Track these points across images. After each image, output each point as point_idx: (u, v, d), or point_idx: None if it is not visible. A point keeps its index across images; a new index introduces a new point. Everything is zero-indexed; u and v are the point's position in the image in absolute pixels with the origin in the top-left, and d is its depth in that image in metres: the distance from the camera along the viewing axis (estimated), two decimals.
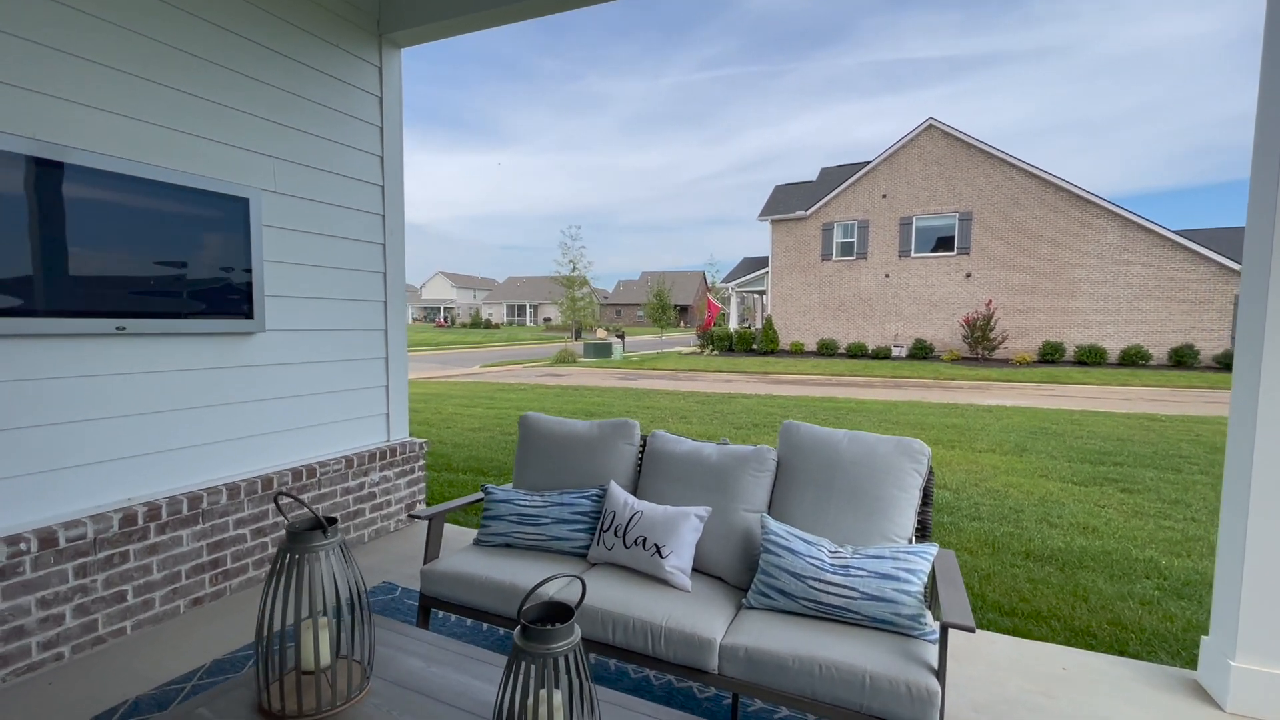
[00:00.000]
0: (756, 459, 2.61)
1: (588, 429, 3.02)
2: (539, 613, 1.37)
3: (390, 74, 4.20)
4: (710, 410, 11.27)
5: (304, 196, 3.59)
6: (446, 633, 2.88)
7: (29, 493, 2.50)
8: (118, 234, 2.69)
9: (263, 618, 1.49)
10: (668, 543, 2.44)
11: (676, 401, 12.44)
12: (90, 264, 2.61)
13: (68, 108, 2.56)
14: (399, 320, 4.33)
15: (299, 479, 3.52)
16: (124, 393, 2.79)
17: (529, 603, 1.62)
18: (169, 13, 2.92)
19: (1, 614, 2.37)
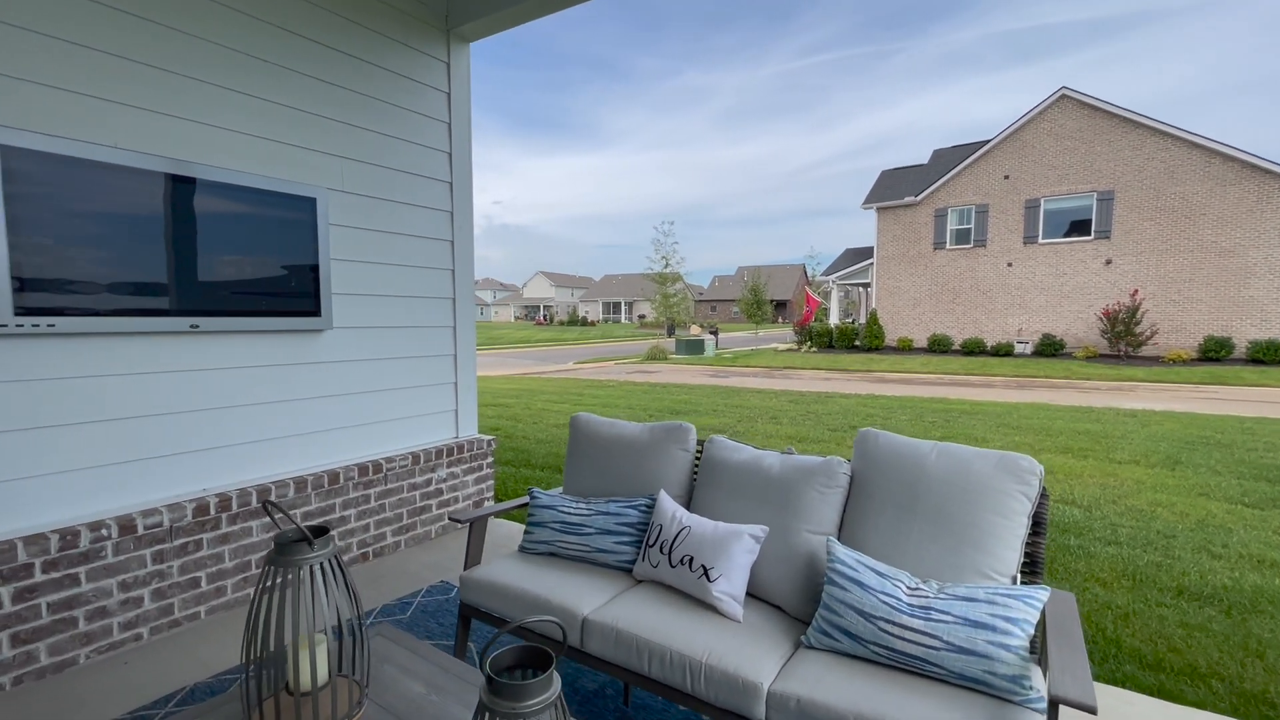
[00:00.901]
0: (825, 473, 2.26)
1: (638, 432, 2.79)
2: (513, 658, 1.16)
3: (458, 70, 4.18)
4: (803, 410, 10.68)
5: (371, 195, 3.64)
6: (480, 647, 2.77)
7: (111, 481, 2.65)
8: (193, 236, 2.80)
9: (249, 634, 1.39)
10: (716, 564, 2.16)
11: (767, 400, 11.92)
12: (172, 266, 2.73)
13: (155, 118, 2.69)
14: (467, 317, 4.32)
15: (365, 474, 3.57)
16: (198, 388, 2.91)
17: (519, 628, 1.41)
18: (244, 21, 3.01)
19: (86, 595, 2.52)
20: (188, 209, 2.78)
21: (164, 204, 2.70)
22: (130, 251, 2.61)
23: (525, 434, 8.48)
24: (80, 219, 2.46)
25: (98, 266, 2.52)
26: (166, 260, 2.72)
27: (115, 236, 2.56)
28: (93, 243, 2.50)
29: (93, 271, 2.51)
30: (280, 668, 1.43)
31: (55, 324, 2.42)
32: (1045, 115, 20.20)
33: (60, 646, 2.46)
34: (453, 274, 4.20)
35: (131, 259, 2.61)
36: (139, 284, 2.64)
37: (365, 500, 3.60)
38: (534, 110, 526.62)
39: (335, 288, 3.46)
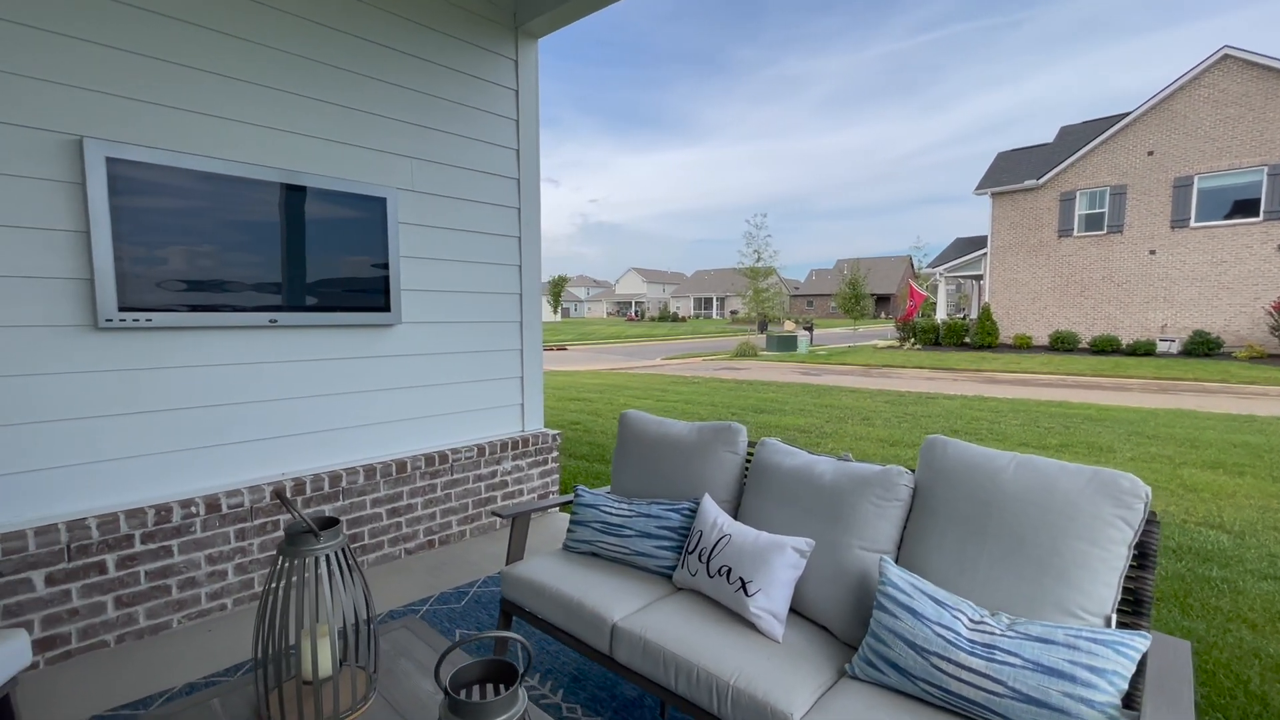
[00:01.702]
0: (882, 483, 2.03)
1: (686, 432, 2.66)
2: (477, 673, 1.08)
3: (526, 67, 4.22)
4: (900, 412, 10.01)
5: (439, 193, 3.74)
6: (529, 643, 2.75)
7: (200, 463, 2.90)
8: (271, 237, 2.99)
9: (260, 623, 1.42)
10: (755, 577, 2.00)
11: (861, 400, 11.28)
12: (251, 264, 2.93)
13: (223, 125, 2.90)
14: (534, 313, 4.36)
15: (431, 464, 3.70)
16: (276, 379, 3.12)
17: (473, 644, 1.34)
18: (323, 33, 3.17)
19: (178, 566, 2.77)
20: (267, 211, 2.97)
21: (245, 207, 2.90)
22: (215, 252, 2.82)
23: (604, 429, 8.53)
24: (171, 223, 2.69)
25: (187, 266, 2.75)
26: (247, 259, 2.92)
27: (202, 238, 2.78)
28: (182, 244, 2.72)
29: (183, 271, 2.74)
30: (290, 656, 1.46)
31: (152, 319, 2.67)
32: (1202, 80, 17.63)
33: (156, 611, 2.72)
34: (519, 270, 4.25)
35: (216, 258, 2.83)
36: (223, 282, 2.86)
37: (432, 490, 3.73)
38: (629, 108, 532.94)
39: (404, 284, 3.59)
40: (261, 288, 2.98)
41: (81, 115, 2.49)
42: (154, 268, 2.66)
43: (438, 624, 2.87)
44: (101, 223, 2.51)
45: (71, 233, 2.48)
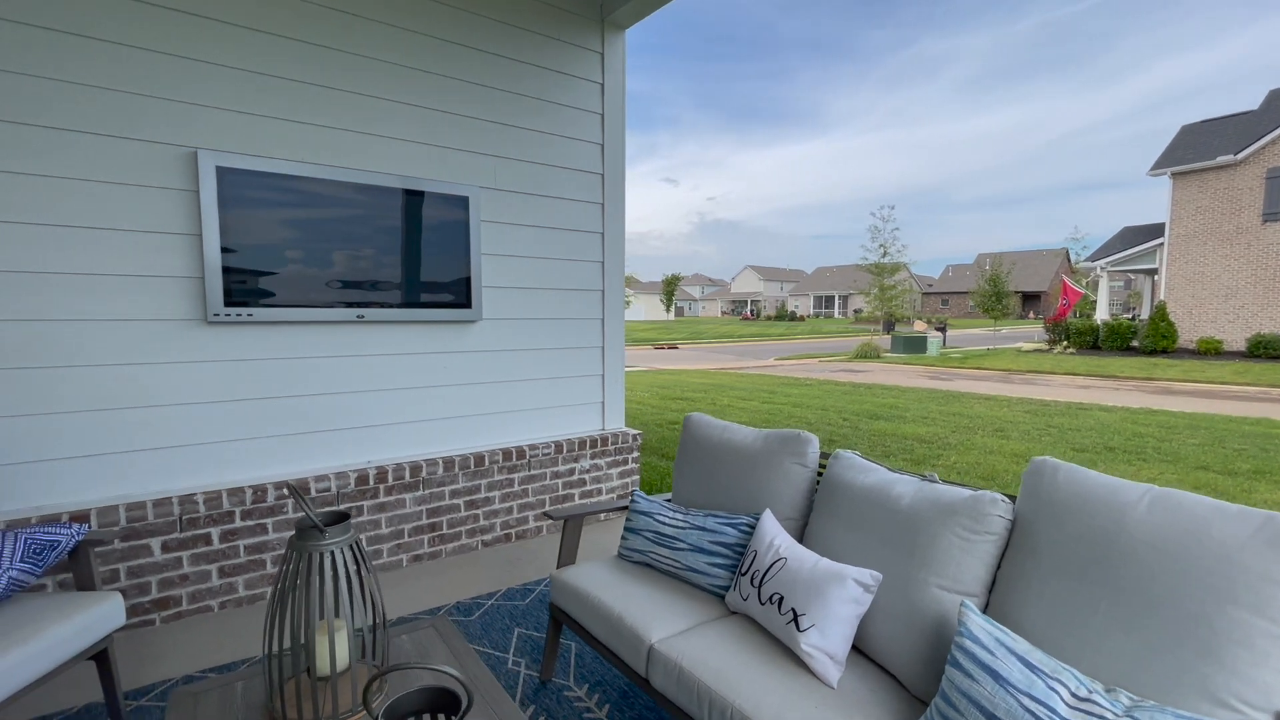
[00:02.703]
0: (971, 512, 1.69)
1: (750, 439, 2.43)
2: (417, 703, 0.98)
3: (612, 59, 4.14)
4: (1043, 424, 8.85)
5: (521, 190, 3.77)
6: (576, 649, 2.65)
7: (292, 448, 3.11)
8: (359, 235, 3.15)
9: (270, 617, 1.43)
10: (809, 610, 1.74)
11: (996, 409, 10.13)
12: (339, 262, 3.11)
13: (316, 131, 3.08)
14: (616, 309, 4.28)
15: (509, 459, 3.73)
16: (361, 372, 3.28)
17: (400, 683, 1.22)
18: (409, 38, 3.30)
19: (271, 542, 2.99)
20: (353, 212, 3.13)
21: (333, 209, 3.07)
22: (306, 251, 3.01)
23: None
24: (268, 225, 2.91)
25: (282, 265, 2.96)
26: (335, 258, 3.09)
27: (295, 239, 2.98)
28: (277, 244, 2.93)
29: (278, 269, 2.95)
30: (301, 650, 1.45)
31: (253, 314, 2.90)
32: None
33: (253, 583, 2.96)
34: (602, 266, 4.19)
35: (308, 257, 3.02)
36: (314, 279, 3.05)
37: (509, 484, 3.77)
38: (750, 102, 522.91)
39: (485, 281, 3.65)
40: (349, 285, 3.15)
41: (196, 129, 2.74)
42: (254, 267, 2.88)
43: (499, 620, 2.87)
44: (211, 226, 2.76)
45: (185, 235, 2.75)
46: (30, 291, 2.47)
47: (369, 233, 3.18)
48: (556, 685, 2.42)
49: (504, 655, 2.60)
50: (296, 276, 3.00)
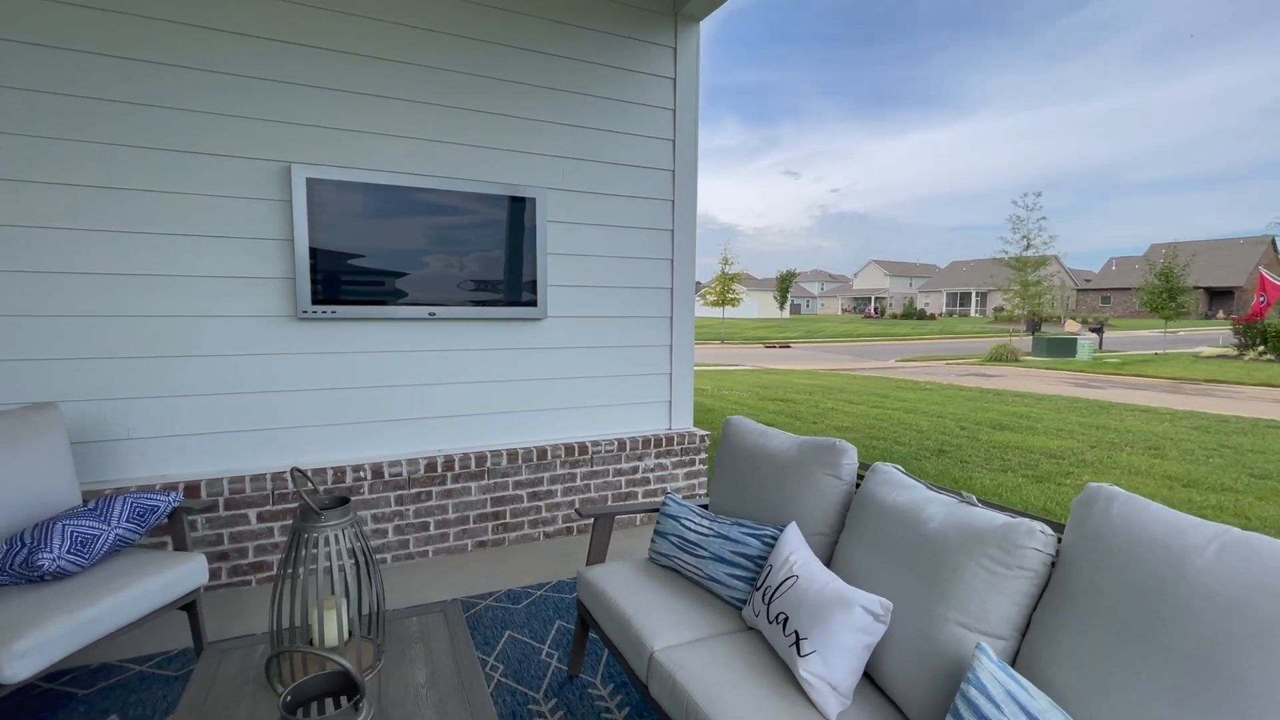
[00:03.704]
0: (1002, 542, 1.47)
1: (784, 447, 2.29)
2: (319, 687, 1.01)
3: (685, 53, 4.08)
4: (1214, 442, 7.57)
5: (588, 190, 3.82)
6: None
7: (369, 434, 3.39)
8: (430, 237, 3.37)
9: (276, 593, 1.56)
10: (811, 635, 1.61)
11: (1154, 424, 8.79)
12: (412, 263, 3.34)
13: (394, 141, 3.32)
14: (685, 307, 4.22)
15: (571, 454, 3.81)
16: (432, 366, 3.50)
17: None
18: (481, 47, 3.46)
19: None
20: (426, 215, 3.35)
21: (407, 212, 3.30)
22: (382, 253, 3.27)
23: (796, 433, 7.99)
24: (349, 229, 3.18)
25: (361, 266, 3.23)
26: (408, 259, 3.32)
27: (372, 241, 3.24)
28: (358, 247, 3.20)
29: (358, 270, 3.22)
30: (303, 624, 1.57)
31: (335, 311, 3.19)
32: None
33: None
34: (671, 264, 4.14)
35: (384, 259, 3.27)
36: (389, 279, 3.30)
37: (571, 478, 3.85)
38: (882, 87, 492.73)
39: (551, 280, 3.75)
40: (421, 284, 3.37)
41: (289, 146, 3.07)
42: (336, 268, 3.17)
43: (543, 611, 2.94)
44: (301, 232, 3.07)
45: (280, 241, 3.09)
46: (161, 290, 2.90)
47: (439, 235, 3.39)
48: (583, 682, 2.43)
49: (539, 646, 2.66)
50: (373, 277, 3.26)
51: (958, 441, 7.66)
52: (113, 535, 2.16)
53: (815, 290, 76.55)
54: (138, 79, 2.79)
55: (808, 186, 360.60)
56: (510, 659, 2.56)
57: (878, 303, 64.47)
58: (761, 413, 9.69)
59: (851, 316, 60.92)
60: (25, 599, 1.92)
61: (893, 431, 8.22)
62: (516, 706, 2.27)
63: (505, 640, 2.70)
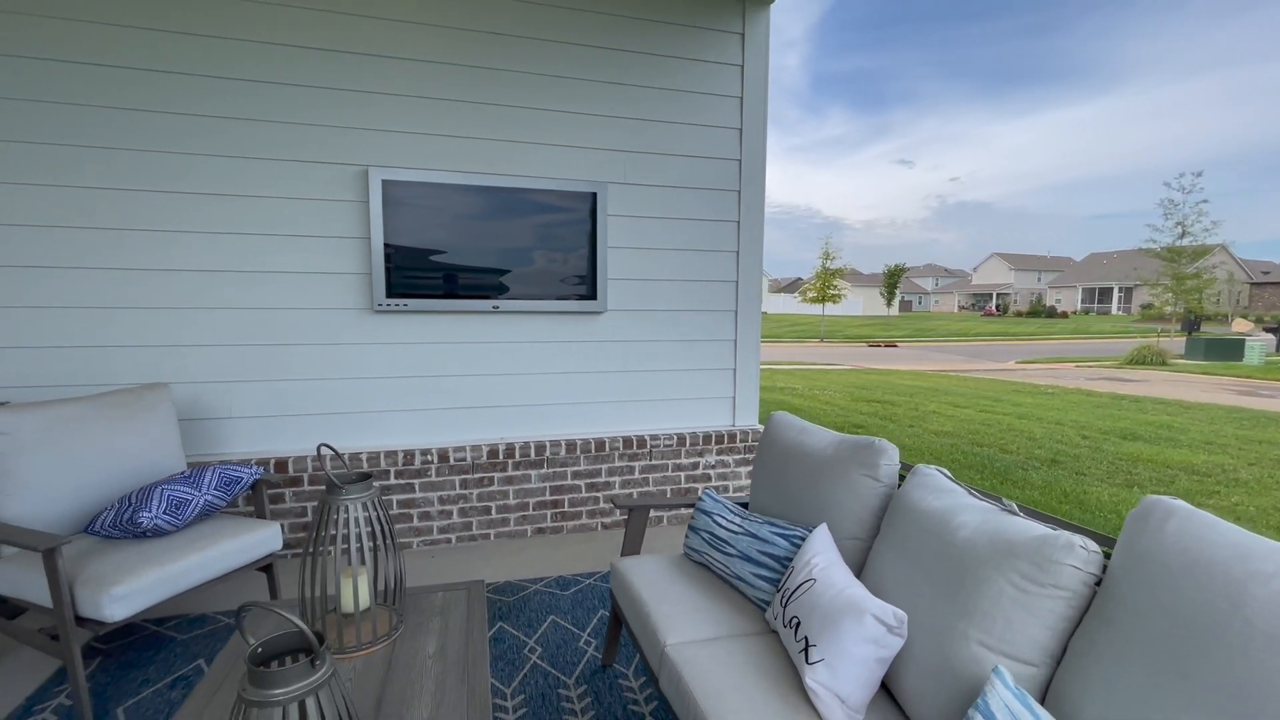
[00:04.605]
0: (1035, 556, 1.30)
1: (824, 445, 2.16)
2: (291, 643, 1.08)
3: (754, 38, 3.96)
4: None
5: (650, 183, 3.81)
6: None
7: (436, 421, 3.59)
8: (494, 233, 3.51)
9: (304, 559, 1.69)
10: (820, 642, 1.51)
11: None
12: (476, 258, 3.50)
13: (461, 143, 3.48)
14: (751, 302, 4.10)
15: (629, 447, 3.83)
16: (496, 357, 3.65)
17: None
18: (547, 47, 3.55)
19: (418, 500, 3.51)
20: (490, 212, 3.49)
21: (472, 209, 3.45)
22: (450, 248, 3.44)
23: (887, 436, 7.53)
24: (419, 227, 3.38)
25: (429, 261, 3.42)
26: (473, 254, 3.48)
27: (440, 237, 3.42)
28: (426, 243, 3.40)
29: (427, 265, 3.42)
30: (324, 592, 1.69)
31: (406, 304, 3.41)
32: None
33: (402, 533, 3.50)
34: (737, 256, 4.04)
35: (451, 254, 3.45)
36: (455, 273, 3.47)
37: (629, 471, 3.87)
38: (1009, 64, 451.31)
39: (611, 273, 3.78)
40: (485, 278, 3.52)
41: (366, 150, 3.32)
42: (407, 263, 3.39)
43: (589, 599, 2.98)
44: (376, 230, 3.31)
45: (358, 239, 3.35)
46: (256, 284, 3.24)
47: (503, 230, 3.52)
48: (615, 672, 2.44)
49: (579, 633, 2.70)
50: (441, 271, 3.45)
51: (1076, 451, 6.89)
52: (202, 500, 2.44)
53: (928, 286, 71.53)
54: (234, 95, 3.13)
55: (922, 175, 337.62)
56: (549, 643, 2.62)
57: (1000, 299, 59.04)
58: (853, 414, 9.23)
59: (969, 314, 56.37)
60: (128, 551, 2.22)
61: (999, 438, 7.54)
62: (547, 689, 2.32)
63: (548, 624, 2.76)
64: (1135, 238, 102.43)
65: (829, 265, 28.80)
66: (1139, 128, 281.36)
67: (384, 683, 1.51)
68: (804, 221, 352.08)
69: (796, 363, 18.83)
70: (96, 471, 2.45)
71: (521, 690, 2.31)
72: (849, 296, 44.52)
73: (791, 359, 20.16)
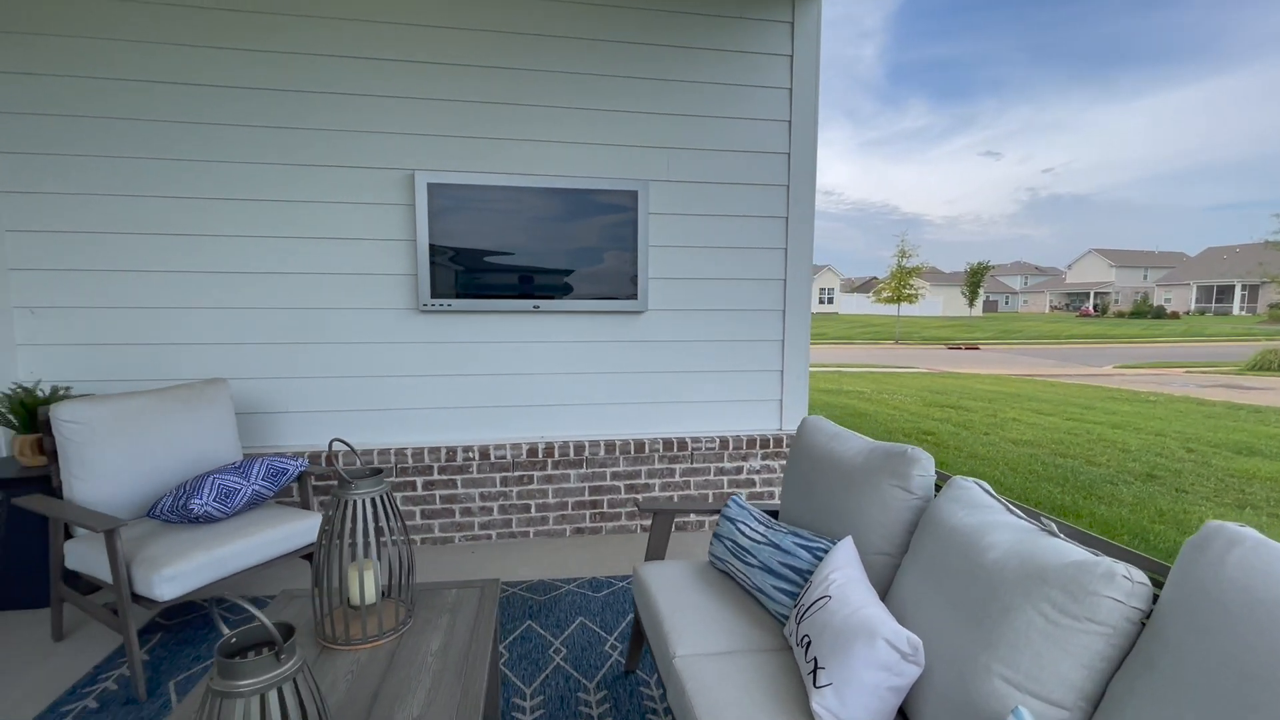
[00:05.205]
0: (1069, 584, 1.14)
1: (855, 452, 2.02)
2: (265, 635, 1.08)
3: (804, 26, 3.80)
4: None
5: (693, 180, 3.73)
6: None
7: (478, 419, 3.65)
8: (535, 233, 3.53)
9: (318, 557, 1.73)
10: (829, 664, 1.40)
11: None
12: (517, 258, 3.53)
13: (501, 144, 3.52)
14: (800, 300, 3.94)
15: (669, 449, 3.76)
16: (536, 356, 3.67)
17: None
18: (588, 46, 3.54)
19: (460, 495, 3.58)
20: (531, 212, 3.51)
21: (513, 211, 3.49)
22: (492, 248, 3.50)
23: (959, 445, 7.10)
24: (462, 228, 3.45)
25: (472, 262, 3.49)
26: (515, 254, 3.52)
27: (482, 238, 3.48)
28: (469, 244, 3.47)
29: (470, 266, 3.48)
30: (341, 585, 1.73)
31: (450, 304, 3.49)
32: None
33: (445, 527, 3.58)
34: (785, 253, 3.89)
35: (493, 254, 3.50)
36: (498, 272, 3.52)
37: (670, 474, 3.80)
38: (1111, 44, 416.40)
39: (652, 273, 3.73)
40: (525, 278, 3.55)
41: (412, 154, 3.42)
42: (451, 264, 3.47)
43: (619, 602, 2.93)
44: (422, 232, 3.41)
45: (404, 241, 3.45)
46: (308, 286, 3.41)
47: (543, 231, 3.54)
48: (638, 679, 2.38)
49: (606, 637, 2.66)
50: (483, 272, 3.51)
51: (1178, 466, 6.23)
52: (250, 490, 2.58)
53: (1016, 285, 66.94)
54: (291, 106, 3.30)
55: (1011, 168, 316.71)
56: (575, 645, 2.60)
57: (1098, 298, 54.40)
58: (924, 419, 8.75)
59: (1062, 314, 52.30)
60: (180, 536, 2.37)
61: (1087, 449, 6.93)
62: (566, 692, 2.29)
63: (576, 626, 2.74)
64: (1261, 229, 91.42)
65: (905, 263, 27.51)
66: (1261, 109, 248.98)
67: (384, 676, 1.53)
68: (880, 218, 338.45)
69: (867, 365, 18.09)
70: (160, 459, 2.64)
71: (541, 691, 2.29)
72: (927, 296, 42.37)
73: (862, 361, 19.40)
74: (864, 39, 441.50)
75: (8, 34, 3.06)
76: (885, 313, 42.48)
